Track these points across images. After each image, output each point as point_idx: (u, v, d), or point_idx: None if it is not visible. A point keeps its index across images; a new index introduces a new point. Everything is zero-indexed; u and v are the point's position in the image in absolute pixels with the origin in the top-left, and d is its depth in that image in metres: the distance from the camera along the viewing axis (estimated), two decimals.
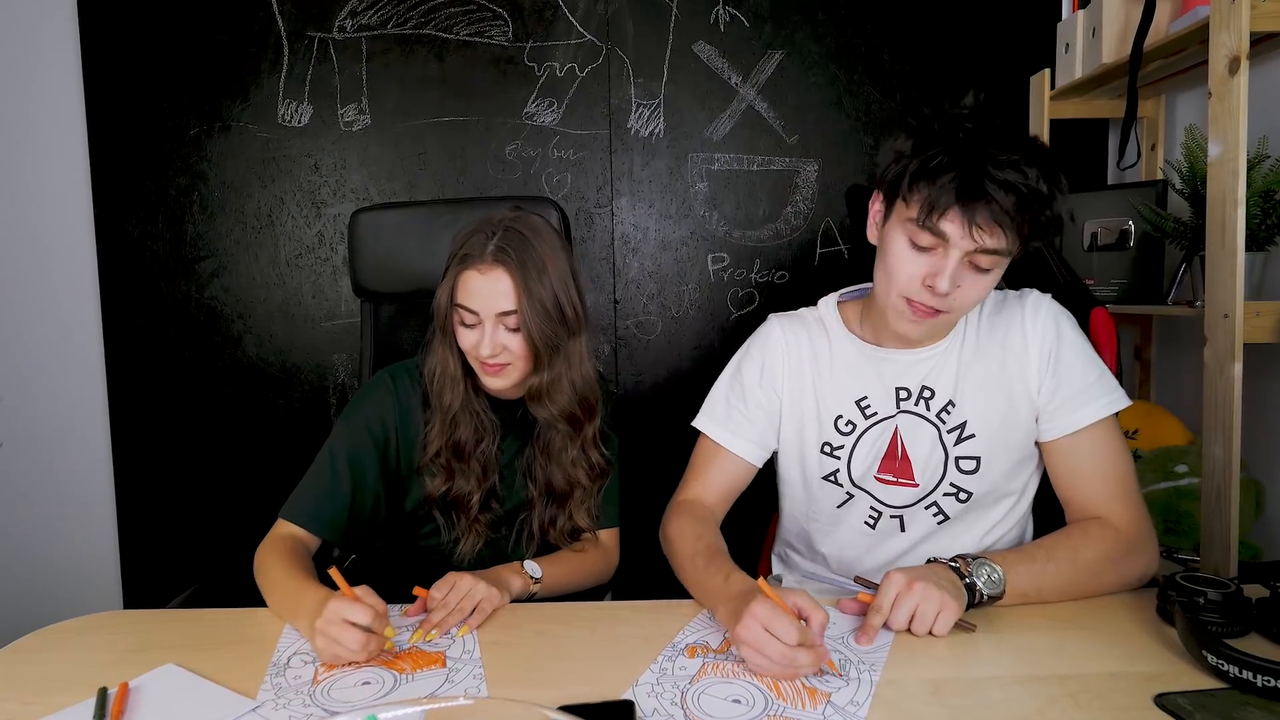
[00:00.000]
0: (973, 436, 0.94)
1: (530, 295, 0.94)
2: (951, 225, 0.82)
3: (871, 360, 0.99)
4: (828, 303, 1.05)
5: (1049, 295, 0.97)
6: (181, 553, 1.85)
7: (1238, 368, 1.18)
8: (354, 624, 0.73)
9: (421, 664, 0.76)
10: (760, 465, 1.06)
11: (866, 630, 0.79)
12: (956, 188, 0.81)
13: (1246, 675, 0.66)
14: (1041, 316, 0.94)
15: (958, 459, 0.95)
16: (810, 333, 1.04)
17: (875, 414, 0.98)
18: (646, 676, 0.72)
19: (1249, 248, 1.20)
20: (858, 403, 0.99)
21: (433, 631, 0.81)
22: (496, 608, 0.86)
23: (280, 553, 0.91)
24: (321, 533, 0.97)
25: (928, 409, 0.96)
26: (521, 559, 1.01)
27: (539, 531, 1.06)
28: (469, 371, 1.02)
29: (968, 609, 0.81)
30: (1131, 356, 1.81)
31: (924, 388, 0.96)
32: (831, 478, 1.00)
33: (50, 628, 0.84)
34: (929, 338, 0.96)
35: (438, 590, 0.85)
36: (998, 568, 0.83)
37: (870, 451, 0.98)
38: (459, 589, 0.85)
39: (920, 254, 0.86)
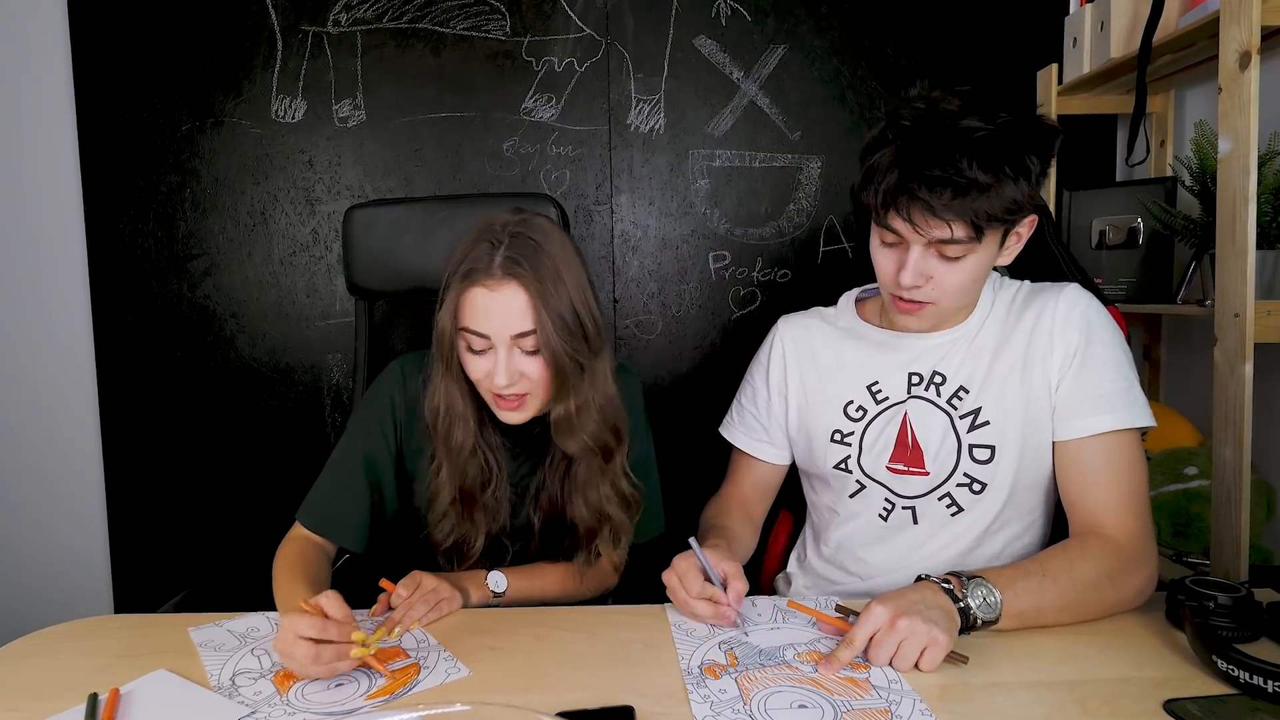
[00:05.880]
0: (987, 424, 0.92)
1: (549, 310, 0.82)
2: (898, 222, 0.84)
3: (885, 345, 0.99)
4: (847, 298, 1.07)
5: (1090, 293, 0.93)
6: (173, 556, 1.83)
7: (1248, 368, 1.17)
8: (305, 638, 0.69)
9: (388, 658, 0.76)
10: (787, 463, 1.08)
11: (831, 662, 0.73)
12: (890, 186, 0.82)
13: (1257, 680, 0.66)
14: (1076, 315, 0.90)
15: (971, 447, 0.93)
16: (821, 326, 1.05)
17: (886, 399, 0.97)
18: (701, 709, 0.67)
19: (1260, 245, 1.19)
20: (869, 388, 0.98)
21: (396, 629, 0.81)
22: (450, 612, 0.87)
23: (287, 559, 0.90)
24: (341, 540, 0.95)
25: (938, 394, 0.95)
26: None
27: (535, 555, 1.01)
28: (481, 404, 0.92)
29: (962, 633, 0.75)
30: (1140, 356, 1.79)
31: (935, 373, 0.95)
32: (843, 465, 0.99)
33: (40, 632, 0.83)
34: (940, 324, 0.95)
35: (403, 588, 0.86)
36: (995, 589, 0.76)
37: (880, 439, 0.97)
38: (423, 588, 0.86)
39: (889, 249, 0.88)
